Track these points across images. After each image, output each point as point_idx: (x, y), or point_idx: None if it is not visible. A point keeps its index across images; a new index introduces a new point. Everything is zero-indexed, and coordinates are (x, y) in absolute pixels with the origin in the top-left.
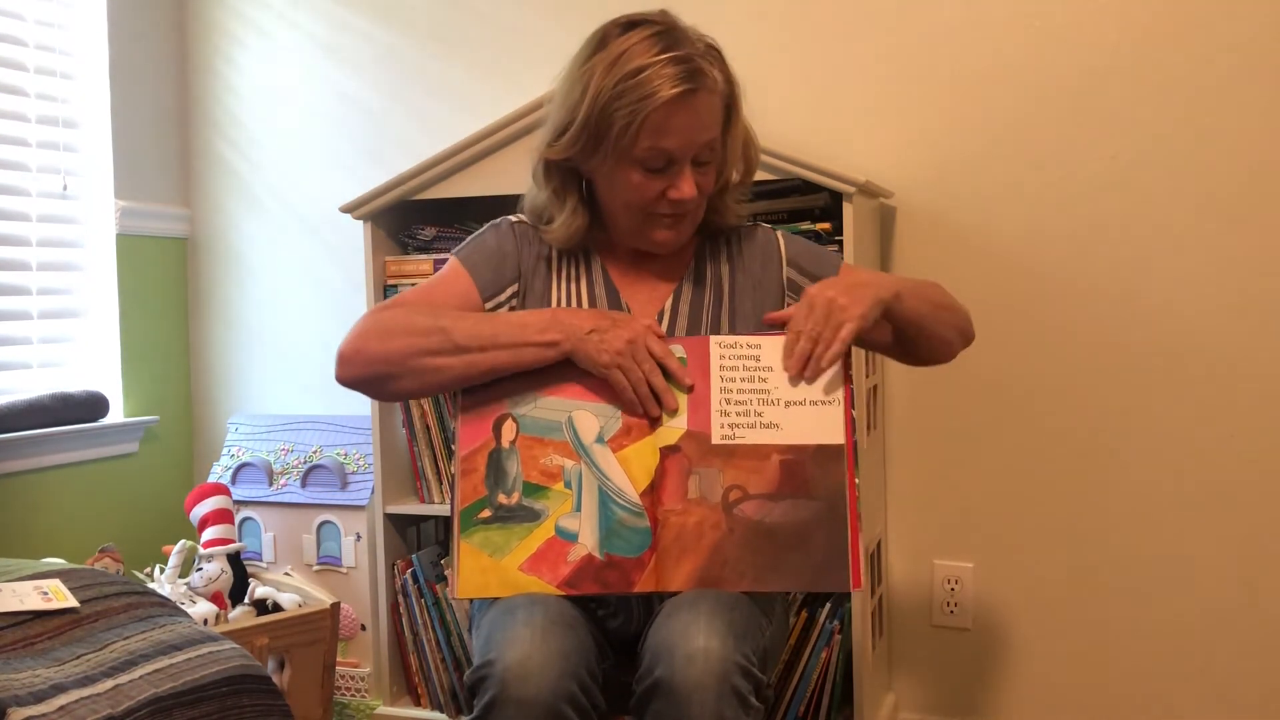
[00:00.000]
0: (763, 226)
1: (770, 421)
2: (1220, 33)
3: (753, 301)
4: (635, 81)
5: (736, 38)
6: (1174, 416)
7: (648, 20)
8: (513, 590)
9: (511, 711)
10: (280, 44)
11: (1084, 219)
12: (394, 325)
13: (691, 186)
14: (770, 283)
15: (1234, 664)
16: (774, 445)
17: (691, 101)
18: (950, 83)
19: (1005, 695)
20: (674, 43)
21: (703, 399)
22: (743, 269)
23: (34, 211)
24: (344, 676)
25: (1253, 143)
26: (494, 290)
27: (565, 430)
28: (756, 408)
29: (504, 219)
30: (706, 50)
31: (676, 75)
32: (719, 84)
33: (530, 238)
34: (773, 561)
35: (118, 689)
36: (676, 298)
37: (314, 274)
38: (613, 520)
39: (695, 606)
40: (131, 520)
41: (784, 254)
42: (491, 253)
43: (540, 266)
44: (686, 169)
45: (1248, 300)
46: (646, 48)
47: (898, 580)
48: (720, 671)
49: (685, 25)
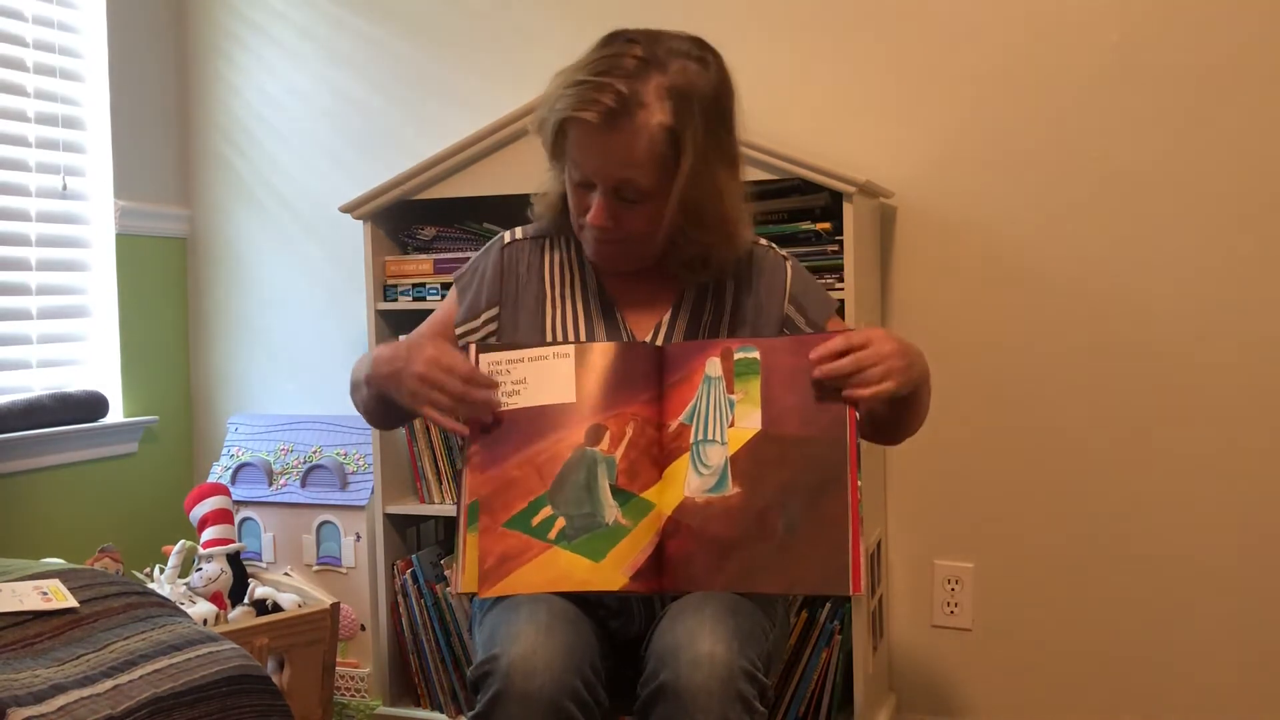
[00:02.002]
0: (773, 251)
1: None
2: (1220, 33)
3: (752, 328)
4: (567, 91)
5: (737, 38)
6: (1174, 416)
7: (639, 39)
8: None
9: (515, 707)
10: (280, 44)
11: (1084, 219)
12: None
13: (600, 216)
14: (773, 312)
15: (1234, 664)
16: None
17: (604, 133)
18: (950, 83)
19: (1005, 695)
20: (628, 70)
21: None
22: (749, 291)
23: (34, 210)
24: (344, 676)
25: (1253, 142)
26: (468, 316)
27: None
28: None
29: (498, 239)
30: (670, 91)
31: (595, 103)
32: (649, 128)
33: (522, 255)
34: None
35: (117, 689)
36: (675, 312)
37: (314, 274)
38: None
39: (700, 610)
40: (131, 520)
41: (789, 289)
42: (474, 277)
43: (533, 282)
44: (599, 196)
45: (1248, 300)
46: (600, 66)
47: (898, 580)
48: (725, 676)
49: (684, 57)
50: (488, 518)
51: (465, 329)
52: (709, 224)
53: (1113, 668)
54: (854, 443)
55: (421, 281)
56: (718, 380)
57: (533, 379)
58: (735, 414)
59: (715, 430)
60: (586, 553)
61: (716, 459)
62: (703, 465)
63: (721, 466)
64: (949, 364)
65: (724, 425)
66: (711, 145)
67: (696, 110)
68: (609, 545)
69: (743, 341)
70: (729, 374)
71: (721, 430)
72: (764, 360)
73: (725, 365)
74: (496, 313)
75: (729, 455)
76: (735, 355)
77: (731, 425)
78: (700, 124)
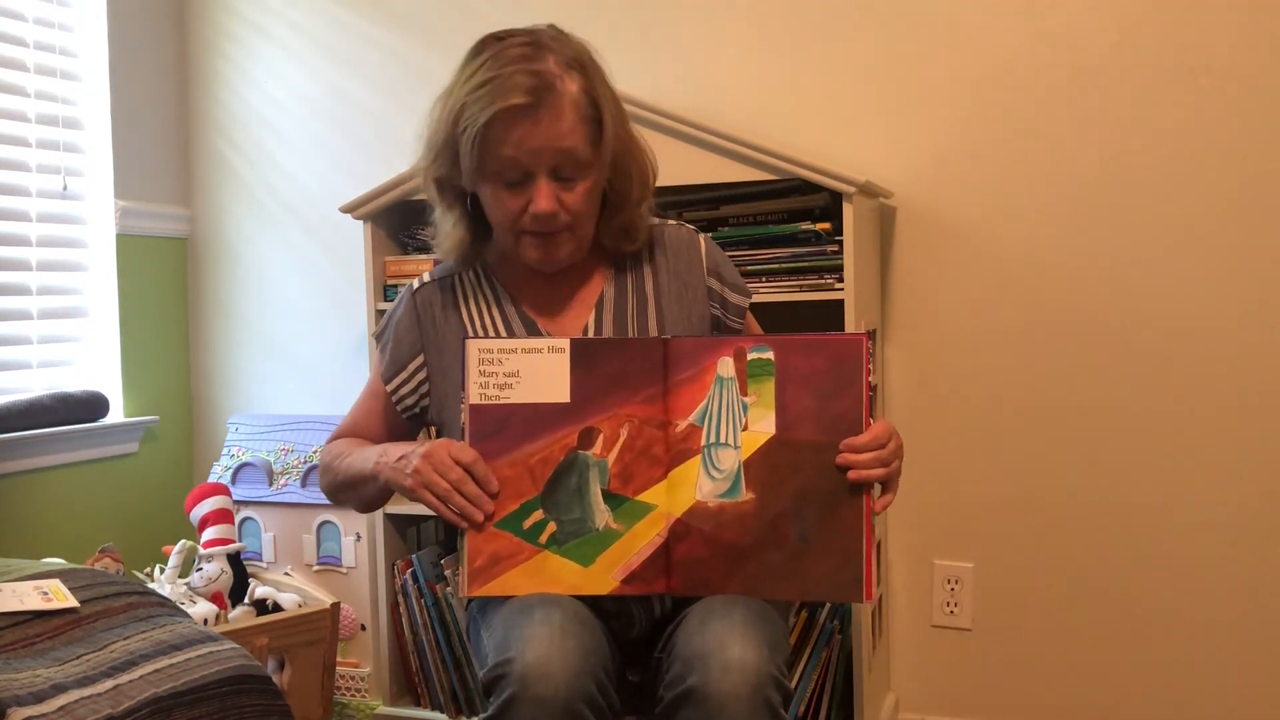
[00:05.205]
0: (677, 225)
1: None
2: (1219, 33)
3: (680, 304)
4: (480, 93)
5: (737, 39)
6: (1175, 416)
7: (515, 33)
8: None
9: (530, 710)
10: (280, 44)
11: (1083, 219)
12: (322, 465)
13: (549, 200)
14: (696, 286)
15: (1233, 664)
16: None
17: (534, 113)
18: (950, 83)
19: (1005, 695)
20: (527, 55)
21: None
22: (666, 270)
23: (34, 211)
24: (344, 676)
25: (1251, 142)
26: (393, 371)
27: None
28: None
29: (406, 288)
30: (569, 62)
31: (517, 86)
32: (571, 95)
33: (435, 297)
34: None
35: (118, 689)
36: (599, 311)
37: (314, 274)
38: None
39: (729, 615)
40: (131, 520)
41: (704, 261)
42: (391, 330)
43: (451, 320)
44: (542, 182)
45: (1248, 300)
46: (499, 61)
47: (898, 580)
48: (756, 683)
49: (560, 36)
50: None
51: (395, 384)
52: (635, 177)
53: (1113, 668)
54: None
55: None
56: (730, 381)
57: (526, 373)
58: (749, 417)
59: (728, 434)
60: (576, 558)
61: (729, 463)
62: (715, 469)
63: (734, 471)
64: (949, 363)
65: (737, 428)
66: (616, 106)
67: (596, 75)
68: (598, 550)
69: (756, 340)
70: (742, 375)
71: (734, 434)
72: (778, 361)
73: (739, 366)
74: (423, 360)
75: (742, 460)
76: (749, 355)
77: (745, 429)
78: (604, 87)
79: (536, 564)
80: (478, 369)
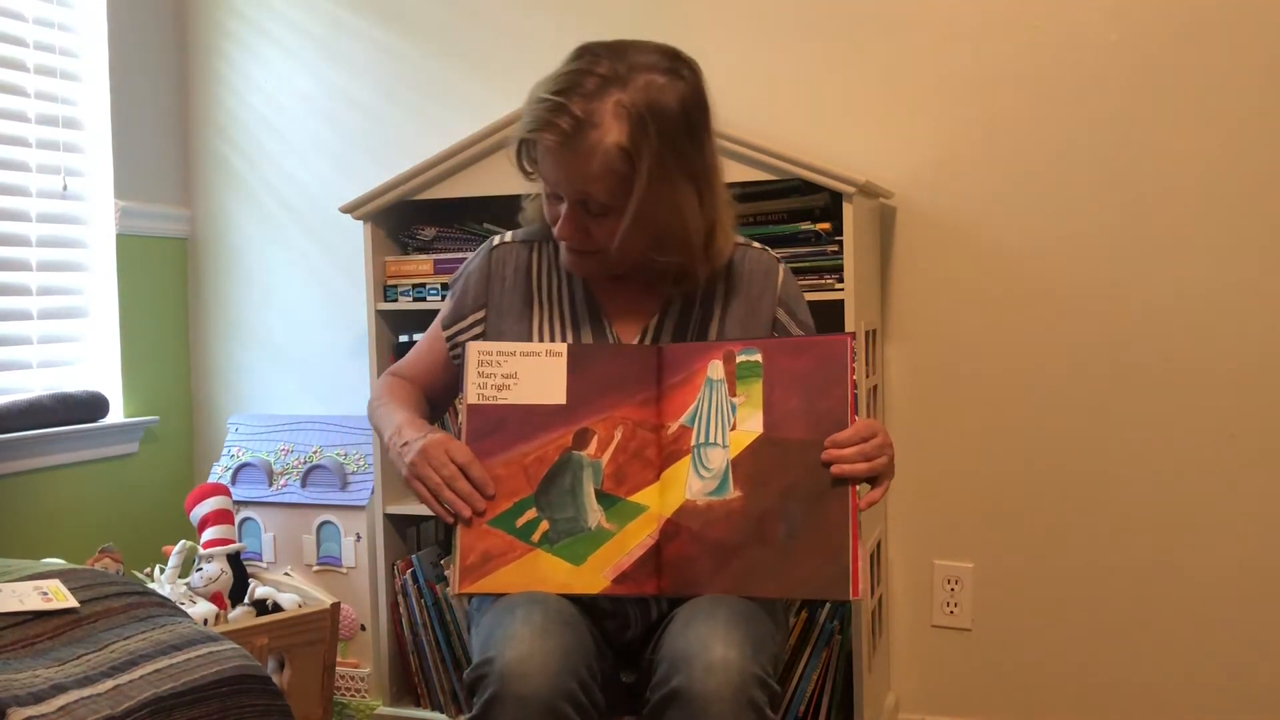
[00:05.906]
0: (766, 253)
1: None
2: (1219, 33)
3: (743, 328)
4: (530, 109)
5: (736, 38)
6: (1174, 417)
7: (602, 56)
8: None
9: (511, 709)
10: (280, 44)
11: (1083, 219)
12: (371, 395)
13: (569, 229)
14: (764, 312)
15: (1232, 664)
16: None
17: (561, 154)
18: (950, 83)
19: (1005, 695)
20: (587, 90)
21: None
22: (739, 293)
23: (34, 211)
24: (344, 676)
25: (1252, 142)
26: (454, 319)
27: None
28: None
29: (488, 242)
30: (627, 107)
31: (552, 125)
32: (604, 146)
33: (510, 258)
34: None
35: (118, 689)
36: (662, 317)
37: (314, 274)
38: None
39: (713, 616)
40: (131, 520)
41: (779, 290)
42: (463, 281)
43: (519, 285)
44: (566, 208)
45: (1247, 300)
46: (559, 84)
47: (898, 580)
48: (739, 683)
49: (644, 72)
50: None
51: (453, 330)
52: (667, 244)
53: (1113, 668)
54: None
55: (421, 282)
56: (719, 383)
57: (524, 375)
58: (737, 417)
59: (717, 433)
60: (567, 557)
61: (718, 462)
62: (704, 468)
63: (723, 470)
64: (949, 363)
65: (725, 428)
66: (674, 162)
67: (654, 128)
68: (590, 549)
69: (745, 344)
70: (731, 377)
71: (723, 433)
72: (766, 363)
73: (727, 368)
74: (483, 315)
75: (730, 459)
76: (738, 358)
77: (733, 428)
78: (658, 142)
79: (528, 562)
80: (477, 370)
